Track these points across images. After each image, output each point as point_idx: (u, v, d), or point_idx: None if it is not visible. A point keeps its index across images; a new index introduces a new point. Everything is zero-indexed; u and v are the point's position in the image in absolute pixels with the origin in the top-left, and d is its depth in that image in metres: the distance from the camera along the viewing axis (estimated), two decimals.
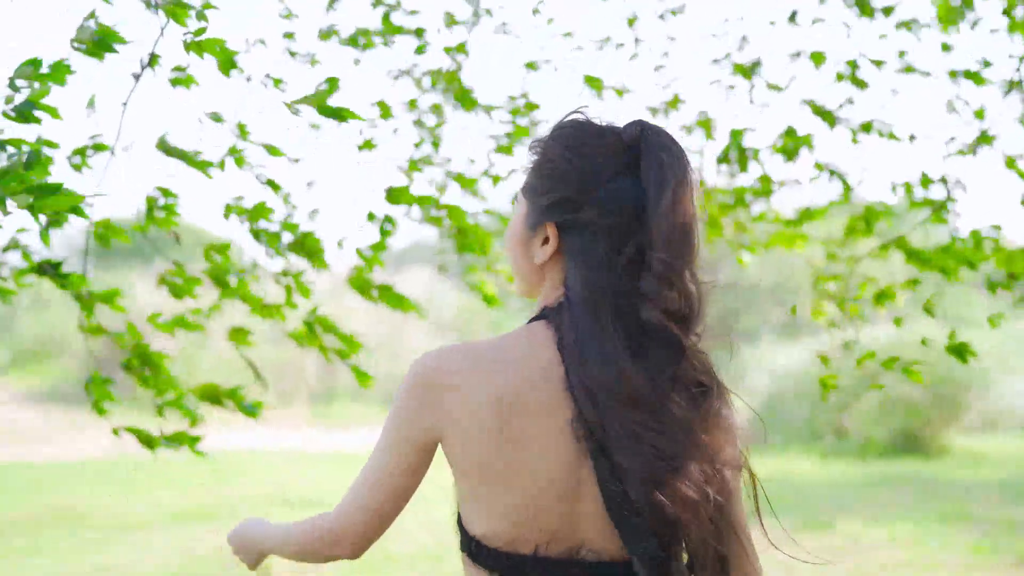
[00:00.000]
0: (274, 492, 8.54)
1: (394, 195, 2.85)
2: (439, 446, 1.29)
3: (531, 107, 3.16)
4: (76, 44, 1.84)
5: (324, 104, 2.06)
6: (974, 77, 3.06)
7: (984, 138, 3.06)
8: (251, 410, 2.47)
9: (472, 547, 1.28)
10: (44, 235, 2.18)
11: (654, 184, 1.24)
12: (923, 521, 7.24)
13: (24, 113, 1.71)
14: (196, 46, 1.96)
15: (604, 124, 1.32)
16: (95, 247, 2.44)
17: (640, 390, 1.20)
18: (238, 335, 2.72)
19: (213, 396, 2.48)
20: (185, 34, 1.93)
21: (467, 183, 3.09)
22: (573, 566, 1.23)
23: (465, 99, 3.04)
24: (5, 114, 1.72)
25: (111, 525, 7.32)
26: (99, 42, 1.83)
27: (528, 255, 1.33)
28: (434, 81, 3.14)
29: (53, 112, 1.71)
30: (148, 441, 2.42)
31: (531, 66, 3.34)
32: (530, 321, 1.31)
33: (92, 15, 1.99)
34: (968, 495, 8.28)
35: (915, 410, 10.65)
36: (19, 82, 1.73)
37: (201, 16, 1.93)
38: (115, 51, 1.88)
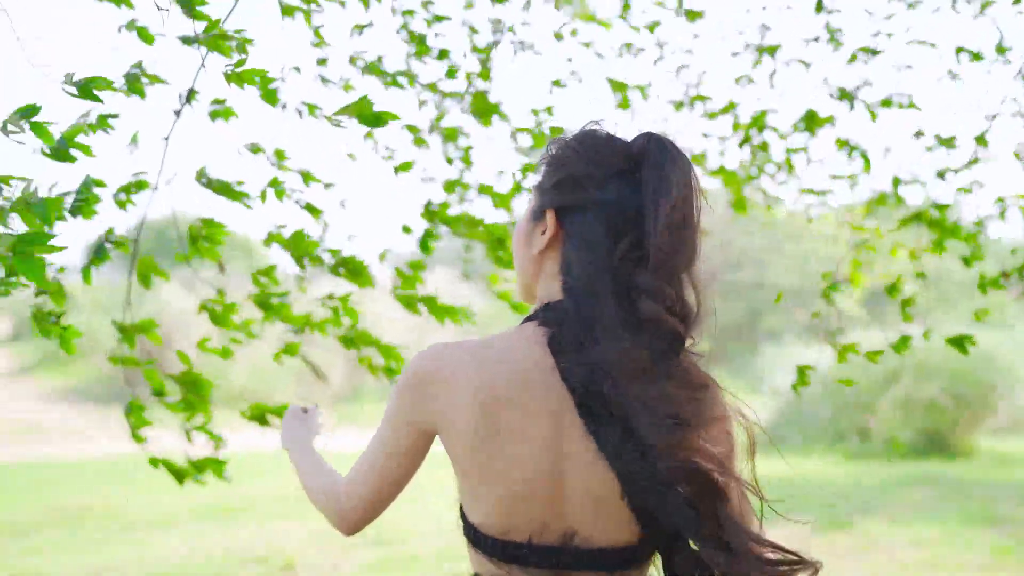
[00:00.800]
0: (301, 489, 8.61)
1: (431, 213, 2.93)
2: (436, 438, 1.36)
3: (556, 131, 3.17)
4: (65, 87, 1.85)
5: (365, 111, 2.04)
6: (973, 55, 3.09)
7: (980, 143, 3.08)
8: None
9: (472, 534, 1.32)
10: (86, 273, 2.23)
11: (654, 188, 1.27)
12: (946, 522, 7.20)
13: (60, 152, 1.75)
14: (237, 77, 1.97)
15: (616, 135, 1.37)
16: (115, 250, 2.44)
17: (646, 363, 1.21)
18: (290, 349, 2.77)
19: (260, 416, 2.56)
20: (226, 66, 1.96)
21: (502, 200, 3.09)
22: (565, 553, 1.27)
23: (487, 114, 3.05)
24: (43, 152, 1.76)
25: (135, 522, 7.43)
26: (133, 83, 1.89)
27: (529, 246, 1.37)
28: (460, 96, 3.17)
29: (86, 150, 1.75)
30: (179, 475, 2.48)
31: (557, 83, 3.37)
32: (523, 322, 1.35)
33: (139, 64, 2.04)
34: (992, 496, 8.22)
35: (940, 411, 10.59)
36: (11, 127, 1.74)
37: (241, 48, 1.97)
38: (162, 81, 1.93)
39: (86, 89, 1.85)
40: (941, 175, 3.18)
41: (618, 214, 1.29)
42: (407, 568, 6.16)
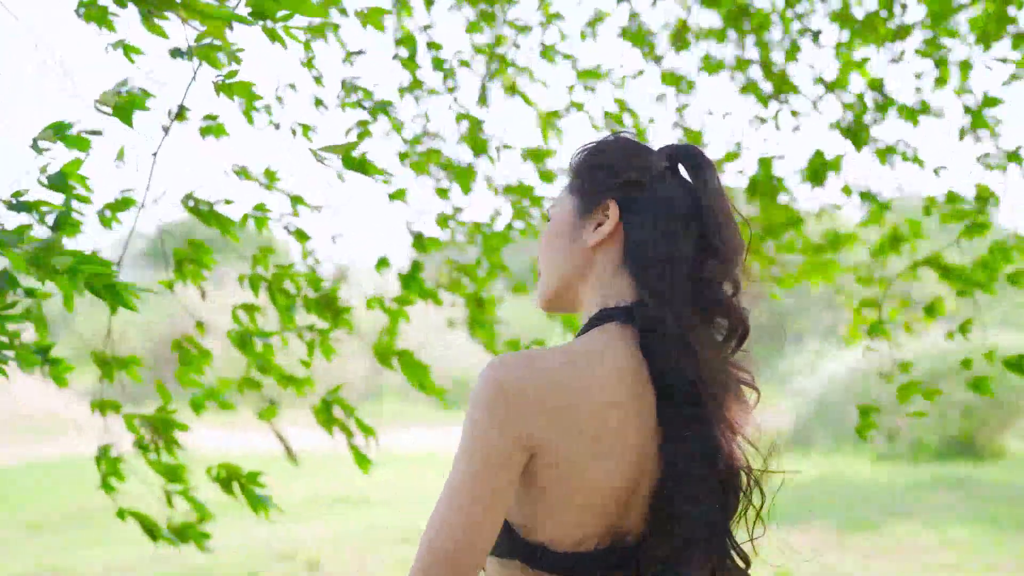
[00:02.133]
0: (327, 492, 8.66)
1: (421, 245, 2.81)
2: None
3: (548, 153, 3.13)
4: (99, 106, 1.83)
5: (349, 156, 2.02)
6: (991, 102, 2.99)
7: (1014, 156, 2.99)
8: (259, 504, 2.31)
9: (536, 554, 1.22)
10: (68, 301, 2.01)
11: (705, 185, 1.30)
12: (974, 525, 7.13)
13: (59, 185, 1.74)
14: (227, 88, 1.93)
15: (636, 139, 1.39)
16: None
17: (724, 367, 1.24)
18: (268, 412, 2.60)
19: (227, 479, 2.31)
20: (216, 76, 1.92)
21: (491, 242, 3.01)
22: (615, 553, 1.24)
23: (480, 149, 3.00)
24: (40, 182, 1.74)
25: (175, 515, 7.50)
26: (122, 107, 1.82)
27: (576, 242, 1.31)
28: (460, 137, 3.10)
29: (84, 183, 1.73)
30: (152, 532, 2.29)
31: (555, 115, 3.30)
32: (596, 323, 1.27)
33: (124, 83, 1.95)
34: (1021, 499, 8.13)
35: (968, 413, 10.48)
36: (42, 143, 1.75)
37: (233, 58, 1.91)
38: (146, 108, 1.86)
39: (122, 109, 1.81)
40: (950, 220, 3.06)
41: (677, 209, 1.28)
42: None
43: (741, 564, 1.28)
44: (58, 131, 1.77)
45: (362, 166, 2.04)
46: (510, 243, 3.04)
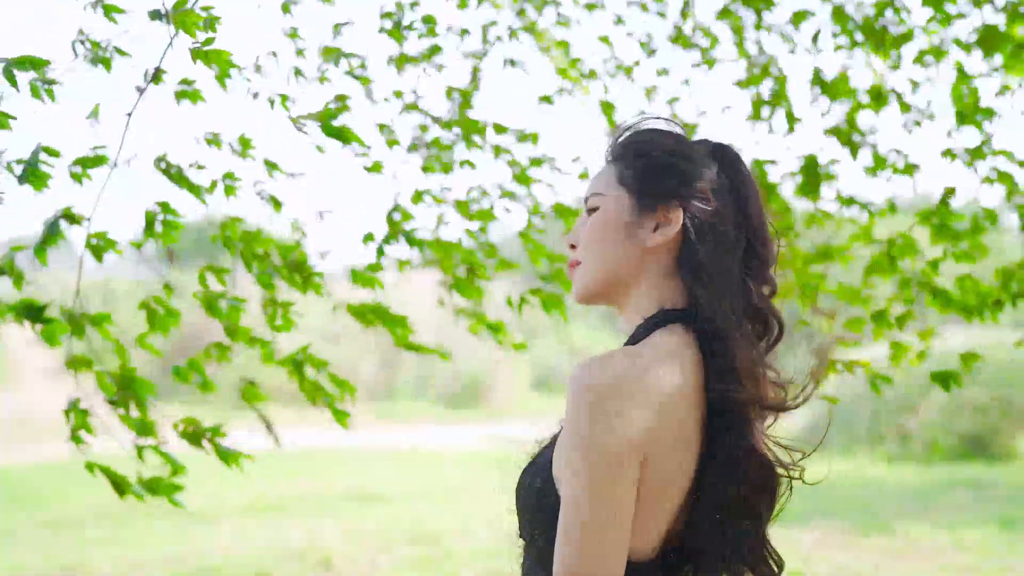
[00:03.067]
0: (340, 488, 8.70)
1: (392, 223, 2.76)
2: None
3: (529, 136, 3.08)
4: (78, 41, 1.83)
5: (328, 123, 1.99)
6: (985, 112, 2.94)
7: (1005, 178, 2.94)
8: (228, 456, 2.25)
9: (627, 569, 1.19)
10: (40, 253, 2.07)
11: (743, 184, 1.31)
12: (988, 526, 7.11)
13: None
14: (203, 55, 1.92)
15: (683, 136, 1.36)
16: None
17: (768, 383, 1.27)
18: (250, 393, 2.47)
19: (194, 435, 2.27)
20: (193, 43, 1.91)
21: (479, 216, 2.98)
22: (667, 560, 1.24)
23: (471, 131, 2.96)
24: None
25: (184, 517, 7.54)
26: (99, 56, 1.82)
27: (633, 242, 1.29)
28: (444, 124, 3.06)
29: (3, 120, 1.73)
30: (119, 486, 2.24)
31: (546, 99, 3.28)
32: (658, 324, 1.27)
33: (82, 33, 1.97)
34: None
35: (981, 414, 10.44)
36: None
37: (210, 26, 1.90)
38: (125, 54, 1.84)
39: (8, 71, 1.80)
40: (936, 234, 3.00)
41: (730, 219, 1.29)
42: (444, 566, 6.21)
43: (776, 569, 1.30)
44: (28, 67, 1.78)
45: (340, 134, 2.03)
46: (494, 220, 2.98)
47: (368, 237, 2.74)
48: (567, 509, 1.14)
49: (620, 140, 1.35)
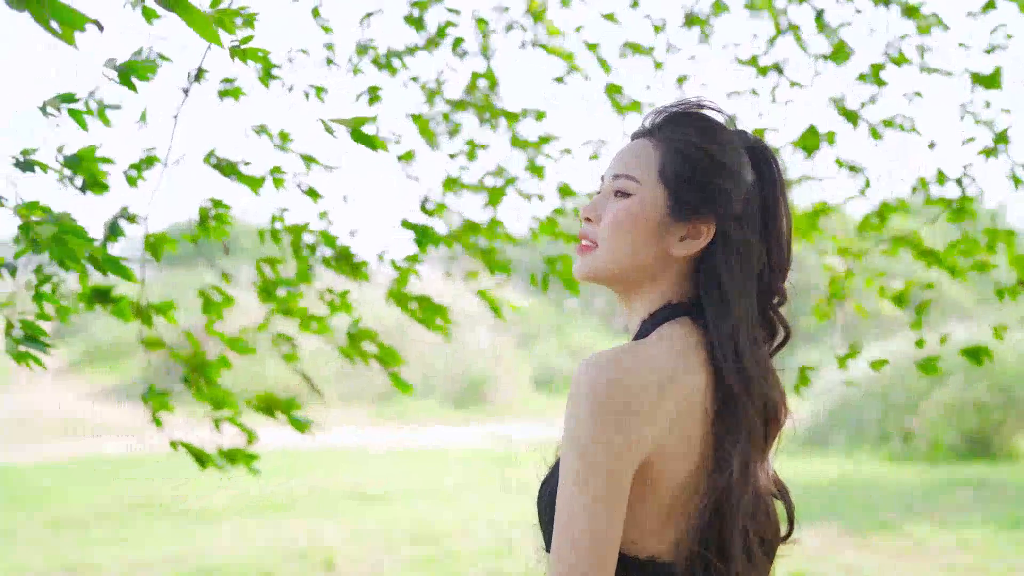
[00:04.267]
0: (342, 488, 8.69)
1: (427, 211, 2.86)
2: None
3: (540, 115, 3.13)
4: (105, 71, 1.83)
5: (358, 130, 2.02)
6: (987, 81, 2.98)
7: (1002, 137, 2.99)
8: (302, 423, 2.44)
9: (647, 570, 1.19)
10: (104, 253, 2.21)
11: (773, 189, 1.30)
12: (991, 525, 7.09)
13: (73, 166, 1.79)
14: (241, 53, 1.93)
15: (724, 118, 1.34)
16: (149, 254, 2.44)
17: (779, 388, 1.29)
18: (290, 357, 2.69)
19: (267, 407, 2.44)
20: (232, 41, 1.92)
21: (494, 197, 3.03)
22: (673, 568, 1.22)
23: (492, 113, 3.01)
24: (57, 160, 1.79)
25: (182, 516, 7.54)
26: (125, 74, 1.82)
27: (658, 243, 1.26)
28: (461, 106, 3.11)
29: (96, 167, 1.78)
30: (201, 459, 2.39)
31: (559, 80, 3.32)
32: (666, 317, 1.26)
33: (139, 52, 2.00)
34: None
35: (984, 413, 10.42)
36: (50, 110, 1.79)
37: (249, 23, 1.92)
38: (147, 79, 1.86)
39: (126, 76, 1.82)
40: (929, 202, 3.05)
41: (757, 224, 1.29)
42: (447, 566, 6.19)
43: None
44: (65, 100, 1.80)
45: (369, 141, 2.06)
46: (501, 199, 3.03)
47: (406, 224, 2.78)
48: (562, 510, 1.12)
49: (664, 118, 1.30)
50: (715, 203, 1.25)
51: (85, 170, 1.87)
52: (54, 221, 1.62)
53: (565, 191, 3.04)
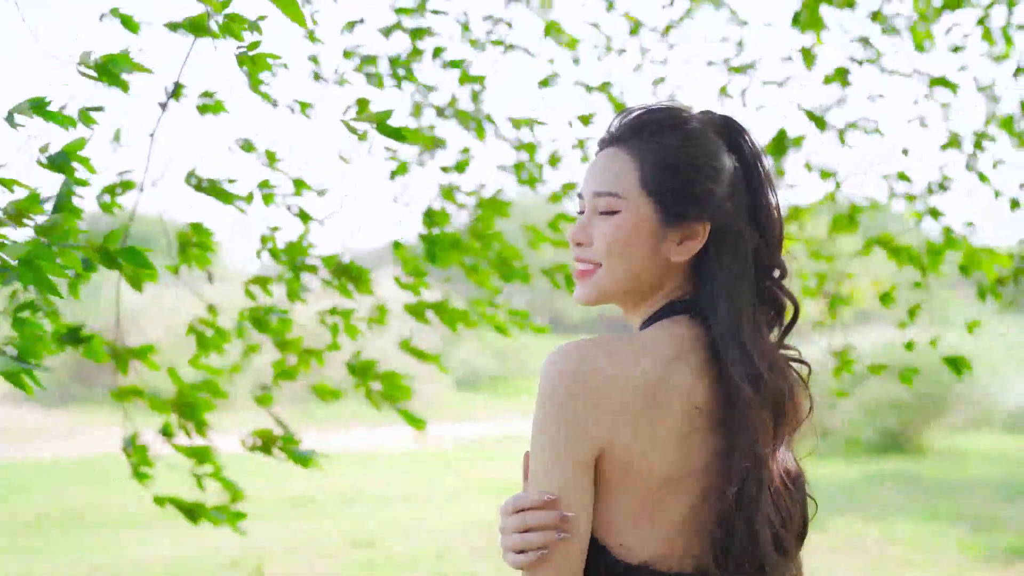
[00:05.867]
0: (270, 493, 8.49)
1: (431, 219, 2.76)
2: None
3: (531, 122, 3.12)
4: (82, 69, 1.74)
5: (384, 123, 1.96)
6: (946, 83, 3.11)
7: (953, 142, 3.13)
8: (306, 458, 2.34)
9: (643, 575, 1.17)
10: (73, 288, 2.03)
11: (754, 167, 1.29)
12: (915, 518, 7.34)
13: (60, 164, 1.66)
14: (250, 60, 1.90)
15: (690, 111, 1.31)
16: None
17: (791, 380, 1.27)
18: (264, 399, 2.58)
19: (265, 445, 2.35)
20: (238, 48, 1.87)
21: (500, 208, 3.01)
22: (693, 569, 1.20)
23: (479, 127, 2.99)
24: (39, 163, 1.67)
25: (112, 523, 7.27)
26: (102, 67, 1.73)
27: (657, 253, 1.25)
28: (451, 106, 3.08)
29: (87, 163, 1.65)
30: (191, 514, 2.28)
31: (544, 83, 3.31)
32: (665, 315, 1.25)
33: (125, 54, 1.93)
34: (956, 493, 8.39)
35: (900, 409, 10.78)
36: (19, 117, 1.66)
37: (256, 29, 1.85)
38: (130, 63, 1.77)
39: (105, 69, 1.72)
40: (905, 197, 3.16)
41: (745, 207, 1.28)
42: (387, 570, 6.11)
43: None
44: (36, 106, 1.66)
45: (397, 132, 1.98)
46: (505, 210, 2.99)
47: (398, 246, 2.74)
48: (528, 490, 1.15)
49: (631, 125, 1.28)
50: (703, 204, 1.25)
51: (70, 170, 1.72)
52: (24, 243, 1.50)
53: (558, 196, 3.03)
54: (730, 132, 1.30)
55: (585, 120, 3.06)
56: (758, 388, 1.19)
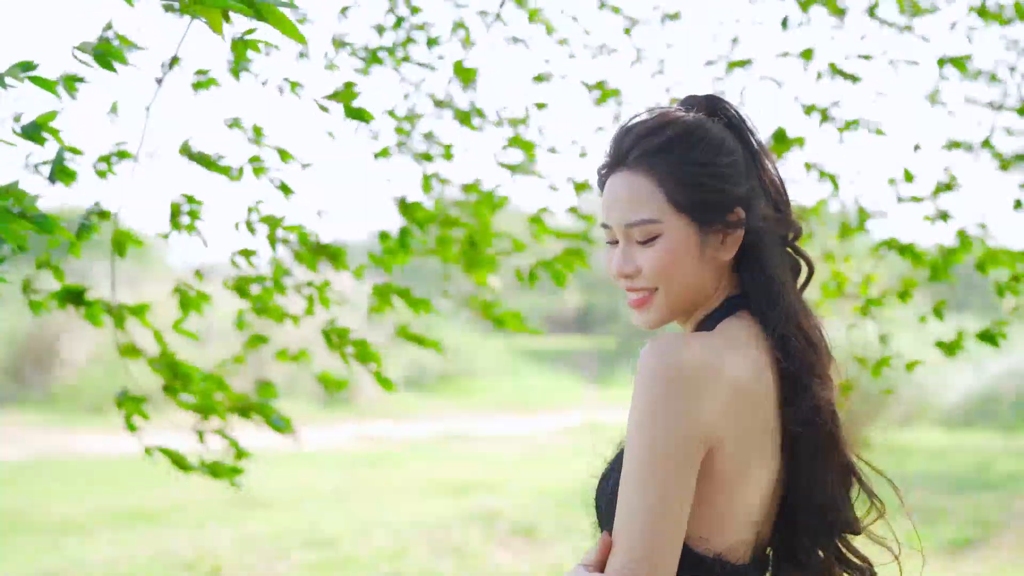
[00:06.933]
0: (221, 494, 8.35)
1: (406, 208, 2.79)
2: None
3: (520, 121, 3.14)
4: (78, 54, 1.76)
5: (349, 104, 2.07)
6: (958, 64, 3.18)
7: (956, 144, 3.20)
8: (280, 426, 2.41)
9: (715, 568, 1.19)
10: (74, 248, 2.11)
11: (748, 135, 1.33)
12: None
13: (32, 135, 1.68)
14: (241, 45, 1.96)
15: (686, 111, 1.33)
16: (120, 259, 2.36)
17: (831, 366, 1.32)
18: (237, 359, 2.69)
19: (243, 409, 2.40)
20: (236, 33, 1.92)
21: (486, 201, 3.03)
22: (761, 566, 1.26)
23: (467, 119, 3.02)
24: (13, 131, 1.70)
25: (53, 527, 7.08)
26: (102, 55, 1.75)
27: (707, 260, 1.28)
28: (440, 104, 3.09)
29: (56, 135, 1.68)
30: (181, 464, 2.31)
31: (540, 79, 3.34)
32: (727, 312, 1.28)
33: (109, 26, 1.93)
34: (898, 487, 8.60)
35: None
36: (8, 80, 1.66)
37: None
38: (125, 61, 1.78)
39: (103, 59, 1.74)
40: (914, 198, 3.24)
41: (756, 178, 1.32)
42: (346, 570, 6.06)
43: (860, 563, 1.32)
44: (24, 69, 1.66)
45: (359, 114, 2.10)
46: (501, 206, 3.01)
47: (384, 236, 2.75)
48: (627, 492, 1.12)
49: (637, 147, 1.29)
50: (733, 199, 1.28)
51: (41, 139, 1.74)
52: None
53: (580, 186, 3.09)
54: (718, 112, 1.33)
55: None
56: (819, 373, 1.25)
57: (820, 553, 1.27)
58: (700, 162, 1.27)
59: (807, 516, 1.24)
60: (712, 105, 1.33)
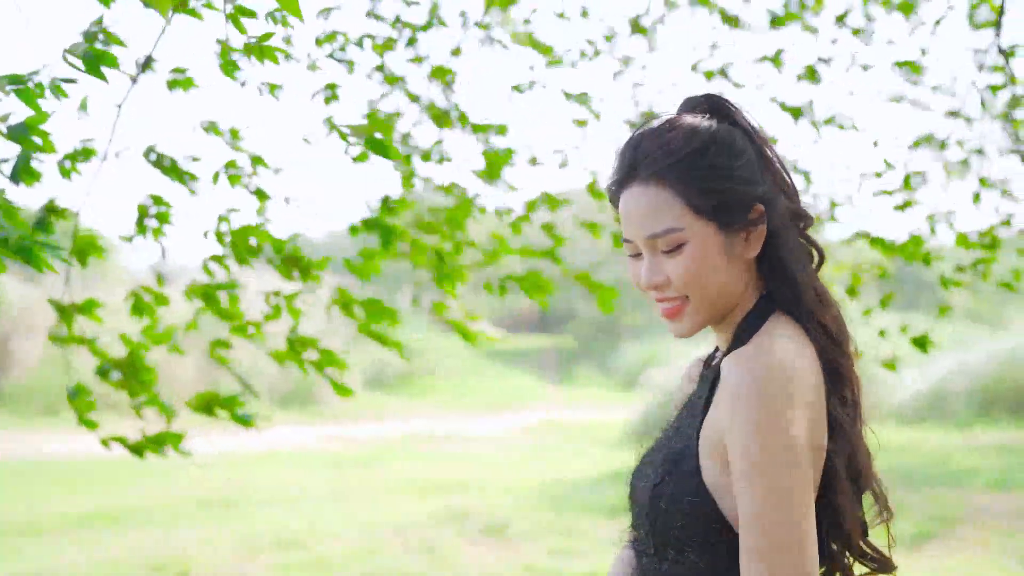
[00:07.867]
0: (186, 495, 8.25)
1: (388, 209, 2.77)
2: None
3: (502, 129, 3.15)
4: (68, 57, 1.74)
5: (372, 137, 2.00)
6: (911, 66, 3.30)
7: (928, 138, 3.32)
8: (246, 420, 2.42)
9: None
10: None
11: (753, 130, 1.34)
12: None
13: (19, 137, 1.65)
14: (259, 51, 1.90)
15: (690, 115, 1.33)
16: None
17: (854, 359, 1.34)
18: (216, 353, 2.65)
19: (207, 406, 2.41)
20: (248, 38, 1.89)
21: (464, 205, 3.02)
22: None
23: (445, 120, 3.02)
24: (0, 132, 1.66)
25: (11, 531, 6.93)
26: (92, 61, 1.73)
27: (735, 261, 1.30)
28: (429, 108, 3.10)
29: (46, 138, 1.65)
30: (136, 449, 2.33)
31: (518, 89, 3.36)
32: (764, 312, 1.30)
33: (99, 21, 1.90)
34: None
35: None
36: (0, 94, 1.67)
37: (285, 21, 1.90)
38: (117, 67, 1.76)
39: (93, 64, 1.72)
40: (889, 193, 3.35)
41: (768, 171, 1.34)
42: (314, 571, 6.02)
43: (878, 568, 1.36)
44: (13, 82, 1.66)
45: (384, 149, 2.01)
46: (470, 215, 3.00)
47: (353, 230, 2.71)
48: (767, 511, 1.12)
49: (648, 158, 1.29)
50: (751, 200, 1.30)
51: (31, 143, 1.70)
52: None
53: (536, 204, 3.07)
54: (720, 111, 1.34)
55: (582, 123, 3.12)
56: (851, 366, 1.30)
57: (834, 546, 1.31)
58: (715, 166, 1.28)
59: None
60: (713, 104, 1.34)
